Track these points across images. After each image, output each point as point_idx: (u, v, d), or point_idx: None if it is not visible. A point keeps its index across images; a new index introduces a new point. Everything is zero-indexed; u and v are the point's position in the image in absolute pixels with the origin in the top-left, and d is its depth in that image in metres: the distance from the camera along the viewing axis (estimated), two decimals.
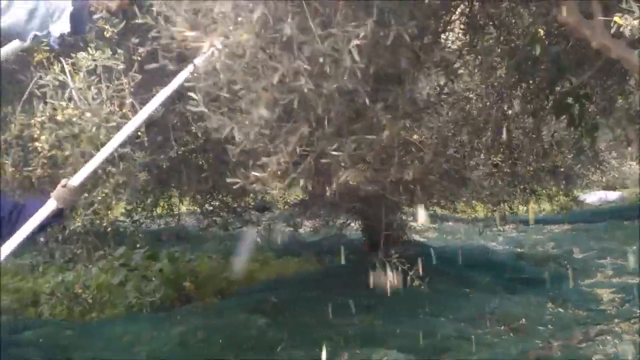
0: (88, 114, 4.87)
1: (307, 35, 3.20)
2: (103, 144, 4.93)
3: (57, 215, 3.95)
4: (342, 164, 3.87)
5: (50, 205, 3.88)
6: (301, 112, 3.47)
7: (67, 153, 4.80)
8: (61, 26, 2.97)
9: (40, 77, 5.00)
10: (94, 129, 4.87)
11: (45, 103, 4.93)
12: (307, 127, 3.47)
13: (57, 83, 4.95)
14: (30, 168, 5.01)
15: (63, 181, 3.97)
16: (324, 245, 12.57)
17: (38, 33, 2.91)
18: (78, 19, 3.00)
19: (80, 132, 4.88)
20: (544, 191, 9.33)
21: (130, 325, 8.20)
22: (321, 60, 3.19)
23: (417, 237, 13.65)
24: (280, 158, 3.44)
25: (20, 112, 5.04)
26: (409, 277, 5.77)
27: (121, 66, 5.04)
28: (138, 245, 10.19)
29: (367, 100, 3.63)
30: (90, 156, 4.89)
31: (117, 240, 9.48)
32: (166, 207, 10.31)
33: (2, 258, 3.58)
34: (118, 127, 4.96)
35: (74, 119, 4.87)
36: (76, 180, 3.98)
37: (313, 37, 3.15)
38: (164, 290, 9.76)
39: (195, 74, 3.85)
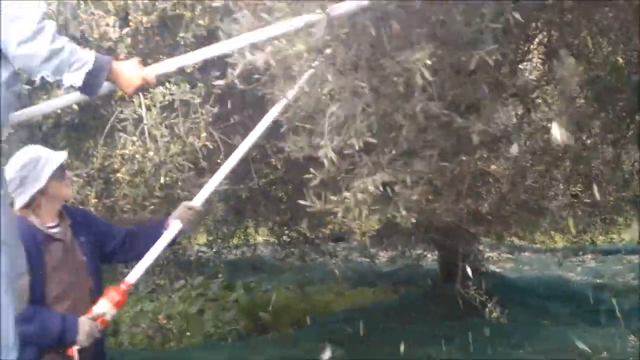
0: (151, 152, 4.98)
1: (383, 57, 3.21)
2: (164, 186, 5.06)
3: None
4: (417, 194, 3.85)
5: (175, 227, 3.92)
6: (382, 136, 3.46)
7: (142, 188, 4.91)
8: (74, 79, 3.05)
9: (121, 112, 5.15)
10: (153, 169, 4.99)
11: (124, 138, 5.07)
12: (387, 153, 3.46)
13: (135, 117, 5.08)
14: (112, 199, 5.14)
15: (186, 203, 4.01)
16: (400, 276, 12.52)
17: (49, 78, 3.00)
18: (93, 80, 3.08)
19: (140, 170, 5.01)
20: (625, 221, 9.14)
21: (208, 355, 8.27)
22: (395, 79, 3.19)
23: (493, 268, 13.49)
24: (362, 184, 3.44)
25: (102, 145, 5.18)
26: (487, 309, 5.70)
27: (198, 100, 5.15)
28: (220, 276, 10.32)
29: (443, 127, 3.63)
30: (150, 193, 5.03)
31: (197, 270, 9.63)
32: (242, 237, 10.41)
33: (134, 280, 3.68)
34: (179, 168, 5.07)
35: (137, 156, 4.99)
36: (198, 201, 4.02)
37: (389, 59, 3.15)
38: (240, 320, 9.85)
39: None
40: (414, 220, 3.72)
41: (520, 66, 5.43)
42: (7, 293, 2.89)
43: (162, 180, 4.91)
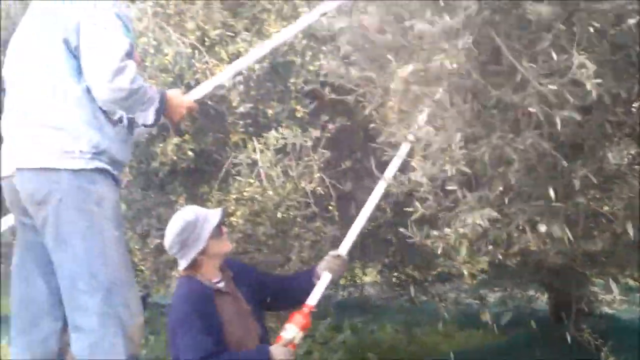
0: (270, 192, 5.10)
1: (497, 89, 3.19)
2: (281, 222, 5.17)
3: None
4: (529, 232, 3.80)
5: (326, 278, 4.01)
6: (490, 172, 3.44)
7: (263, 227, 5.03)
8: (146, 118, 3.16)
9: (235, 157, 5.30)
10: (273, 207, 5.10)
11: (239, 182, 5.21)
12: (495, 189, 3.44)
13: (249, 161, 5.23)
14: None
15: (333, 252, 4.10)
16: (511, 316, 12.26)
17: (124, 115, 3.10)
18: (157, 116, 3.19)
19: (261, 210, 5.14)
20: None
21: None
22: (512, 114, 3.18)
23: (607, 310, 13.07)
24: (468, 219, 3.43)
25: (217, 190, 5.33)
26: (602, 353, 5.55)
27: (310, 143, 5.27)
28: (327, 318, 10.34)
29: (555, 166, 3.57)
30: (271, 234, 5.14)
31: None
32: (349, 277, 10.43)
33: (314, 302, 3.84)
34: (296, 206, 5.16)
35: (257, 196, 5.11)
36: (343, 250, 4.09)
37: (507, 93, 3.14)
38: None
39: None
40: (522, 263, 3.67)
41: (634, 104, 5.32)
42: (116, 335, 2.96)
43: (279, 215, 5.03)
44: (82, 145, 2.88)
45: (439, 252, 3.61)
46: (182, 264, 3.74)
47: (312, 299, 3.88)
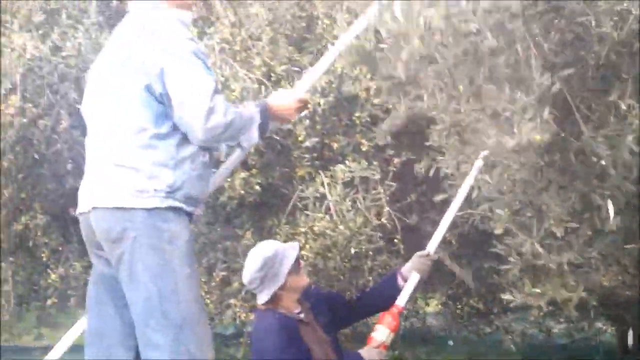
0: (341, 226, 5.11)
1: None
2: (354, 256, 5.17)
3: None
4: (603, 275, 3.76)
5: (414, 279, 3.87)
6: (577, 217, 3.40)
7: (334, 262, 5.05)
8: (250, 139, 3.17)
9: (302, 191, 5.33)
10: (345, 242, 5.10)
11: (307, 215, 5.24)
12: (582, 235, 3.39)
13: (317, 195, 5.25)
14: None
15: (420, 253, 3.99)
16: (575, 349, 12.07)
17: (230, 143, 3.13)
18: (264, 128, 3.19)
19: (332, 244, 5.15)
20: None
21: None
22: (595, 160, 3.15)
23: None
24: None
25: (285, 224, 5.36)
26: None
27: (377, 176, 5.27)
28: (393, 350, 10.28)
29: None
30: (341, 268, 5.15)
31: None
32: (411, 308, 10.37)
33: (403, 304, 3.74)
34: (369, 240, 5.16)
35: (328, 230, 5.12)
36: (431, 248, 4.00)
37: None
38: None
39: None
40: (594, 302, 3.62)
41: None
42: None
43: (352, 251, 5.05)
44: (156, 185, 2.92)
45: (507, 282, 3.57)
46: (262, 298, 3.74)
47: (402, 300, 3.82)
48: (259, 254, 3.74)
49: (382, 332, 3.69)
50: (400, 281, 3.91)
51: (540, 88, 2.90)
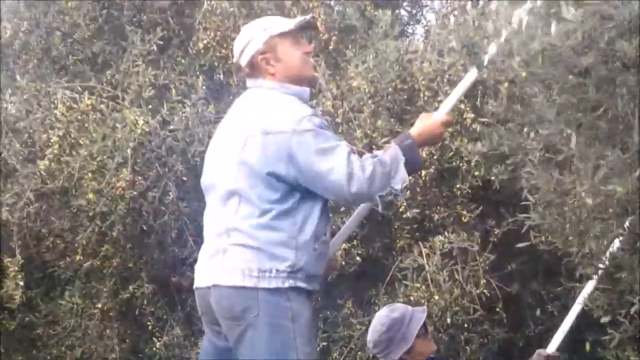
0: (436, 297, 5.09)
1: None
2: (450, 326, 5.13)
3: None
4: None
5: None
6: None
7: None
8: (401, 180, 3.09)
9: (401, 261, 5.35)
10: (439, 312, 5.08)
11: (405, 285, 5.24)
12: None
13: (415, 266, 5.26)
14: None
15: (541, 351, 3.76)
16: None
17: (382, 194, 3.05)
18: (413, 161, 3.11)
19: (428, 315, 5.12)
20: None
21: None
22: None
23: None
24: None
25: (383, 294, 5.37)
26: None
27: (476, 247, 5.26)
28: None
29: None
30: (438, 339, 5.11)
31: None
32: None
33: None
34: (466, 311, 5.13)
35: (422, 300, 5.11)
36: (552, 347, 3.88)
37: None
38: None
39: None
40: None
41: None
42: None
43: (448, 322, 5.04)
44: (278, 265, 2.95)
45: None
46: None
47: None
48: (386, 315, 3.65)
49: None
50: None
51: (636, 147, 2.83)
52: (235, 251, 2.98)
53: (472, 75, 3.33)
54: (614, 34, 2.89)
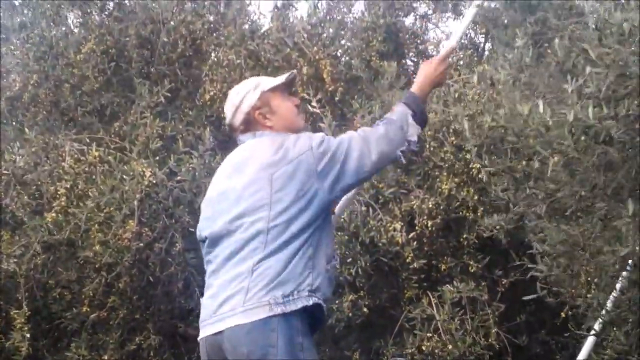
0: (450, 346, 5.07)
1: None
2: None
3: None
4: None
5: None
6: None
7: None
8: (413, 132, 3.17)
9: (409, 311, 5.33)
10: None
11: (415, 335, 5.22)
12: None
13: (424, 316, 5.23)
14: None
15: None
16: None
17: (403, 149, 3.14)
18: (421, 113, 3.19)
19: None
20: None
21: None
22: None
23: None
24: None
25: (392, 345, 5.35)
26: None
27: (485, 297, 5.24)
28: None
29: None
30: None
31: None
32: None
33: None
34: (479, 358, 5.10)
35: (437, 351, 5.08)
36: None
37: None
38: None
39: None
40: None
41: None
42: None
43: None
44: (300, 286, 3.00)
45: None
46: None
47: None
48: None
49: None
50: None
51: None
52: (260, 287, 2.99)
53: (472, 11, 3.45)
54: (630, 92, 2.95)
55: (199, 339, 3.20)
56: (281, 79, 3.28)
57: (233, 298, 3.07)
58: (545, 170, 3.32)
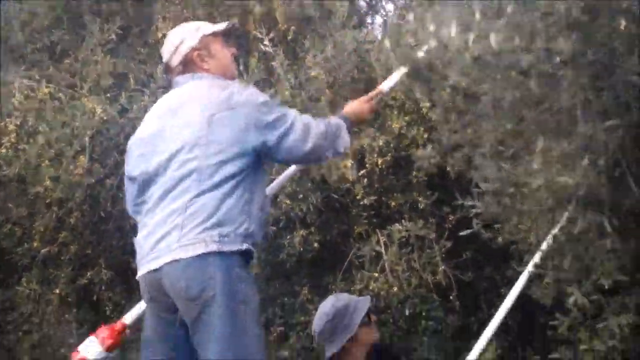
0: (395, 288, 5.15)
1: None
2: (409, 318, 5.20)
3: None
4: None
5: None
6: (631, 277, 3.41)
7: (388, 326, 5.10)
8: (345, 142, 3.31)
9: (359, 248, 5.41)
10: (399, 304, 5.14)
11: (363, 273, 5.30)
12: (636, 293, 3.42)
13: (373, 253, 5.32)
14: None
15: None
16: None
17: (329, 154, 3.28)
18: (347, 136, 3.35)
19: (386, 306, 5.19)
20: None
21: None
22: None
23: None
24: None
25: (341, 281, 5.43)
26: None
27: (433, 235, 5.33)
28: None
29: None
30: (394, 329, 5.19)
31: None
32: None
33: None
34: (424, 300, 5.19)
35: (382, 292, 5.18)
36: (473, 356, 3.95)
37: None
38: None
39: None
40: None
41: None
42: None
43: (406, 313, 5.08)
44: (237, 229, 3.02)
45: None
46: (331, 349, 3.72)
47: None
48: (331, 304, 3.73)
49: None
50: None
51: (582, 137, 2.93)
52: (195, 223, 3.04)
53: (400, 72, 3.55)
54: (553, 31, 3.01)
55: (137, 277, 3.25)
56: (222, 25, 3.31)
57: (169, 235, 3.10)
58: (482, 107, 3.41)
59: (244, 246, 3.05)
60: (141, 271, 3.19)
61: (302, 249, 5.29)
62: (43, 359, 5.59)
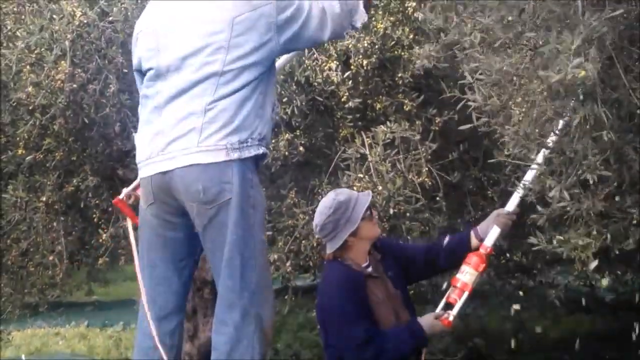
0: (379, 187, 5.16)
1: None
2: (391, 217, 5.22)
3: None
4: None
5: (495, 232, 3.78)
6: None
7: None
8: (359, 17, 3.36)
9: (344, 151, 5.40)
10: (383, 202, 5.15)
11: (349, 175, 5.31)
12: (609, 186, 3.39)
13: (358, 155, 5.32)
14: None
15: (499, 210, 3.89)
16: (620, 302, 12.03)
17: (348, 31, 3.37)
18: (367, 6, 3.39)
19: (371, 205, 5.20)
20: None
21: None
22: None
23: None
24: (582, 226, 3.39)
25: (327, 184, 5.44)
26: None
27: (418, 137, 5.32)
28: None
29: None
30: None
31: None
32: None
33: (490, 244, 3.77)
34: (407, 201, 5.20)
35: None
36: (511, 207, 3.86)
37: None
38: (455, 347, 9.85)
39: None
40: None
41: None
42: (255, 333, 3.11)
43: (390, 212, 5.10)
44: (253, 134, 3.16)
45: (563, 257, 3.55)
46: (332, 245, 3.66)
47: (489, 241, 3.71)
48: (332, 198, 3.70)
49: (468, 273, 3.62)
50: (474, 239, 3.84)
51: (586, 29, 2.87)
52: (215, 129, 3.03)
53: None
54: None
55: (141, 177, 3.22)
56: None
57: (185, 137, 3.07)
58: None
59: (261, 150, 3.12)
60: (147, 172, 3.17)
61: (287, 153, 5.28)
62: (32, 265, 5.66)
